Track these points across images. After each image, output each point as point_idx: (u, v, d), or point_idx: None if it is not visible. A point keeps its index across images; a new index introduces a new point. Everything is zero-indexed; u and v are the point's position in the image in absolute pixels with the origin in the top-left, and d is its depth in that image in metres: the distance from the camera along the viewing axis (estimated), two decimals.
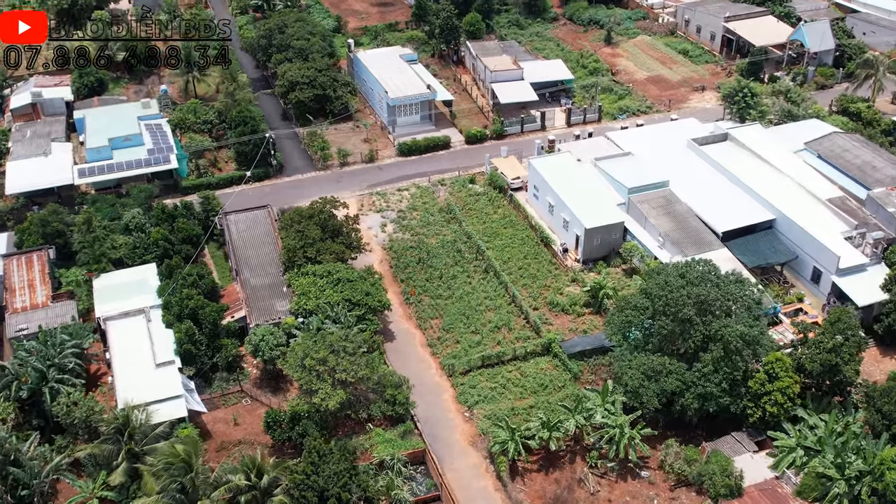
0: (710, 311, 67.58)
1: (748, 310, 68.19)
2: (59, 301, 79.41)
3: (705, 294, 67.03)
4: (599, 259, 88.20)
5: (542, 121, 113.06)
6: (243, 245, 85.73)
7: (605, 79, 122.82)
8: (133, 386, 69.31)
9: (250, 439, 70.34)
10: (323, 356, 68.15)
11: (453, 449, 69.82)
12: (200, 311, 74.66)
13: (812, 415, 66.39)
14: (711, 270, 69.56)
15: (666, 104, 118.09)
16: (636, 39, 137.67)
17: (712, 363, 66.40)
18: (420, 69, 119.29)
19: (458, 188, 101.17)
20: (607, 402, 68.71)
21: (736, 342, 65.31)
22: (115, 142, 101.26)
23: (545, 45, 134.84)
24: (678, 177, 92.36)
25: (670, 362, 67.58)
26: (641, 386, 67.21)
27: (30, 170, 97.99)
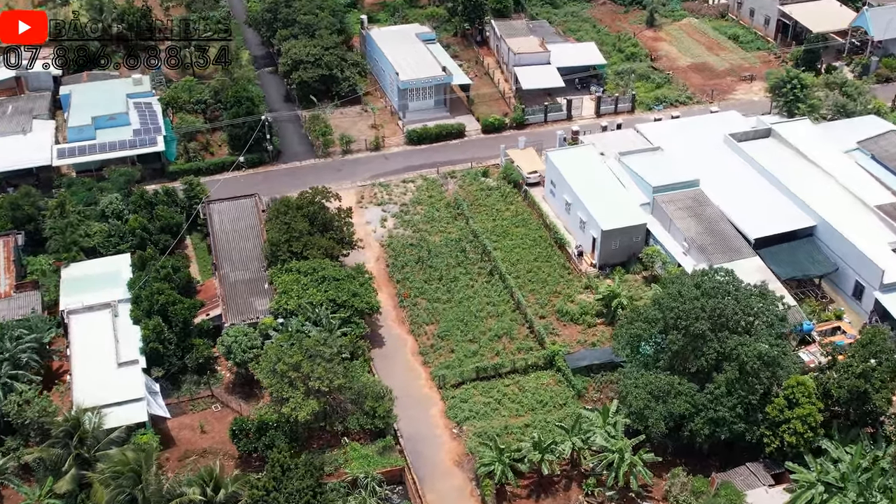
0: (726, 326, 66.03)
1: (770, 326, 66.50)
2: (22, 291, 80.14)
3: (721, 307, 65.49)
4: (618, 264, 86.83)
5: (569, 109, 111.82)
6: (225, 237, 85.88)
7: (643, 65, 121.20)
8: (92, 386, 69.65)
9: (216, 449, 70.33)
10: (296, 361, 67.83)
11: (437, 469, 69.14)
12: (171, 307, 74.72)
13: (838, 447, 64.52)
14: (730, 281, 67.97)
15: (709, 94, 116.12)
16: (682, 22, 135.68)
17: (726, 385, 64.91)
18: (437, 49, 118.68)
19: (469, 181, 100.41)
20: (608, 423, 67.44)
21: (753, 362, 63.76)
22: (98, 121, 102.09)
23: (580, 25, 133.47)
24: (711, 176, 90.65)
25: (680, 382, 66.18)
26: (647, 407, 65.91)
27: (6, 148, 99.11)
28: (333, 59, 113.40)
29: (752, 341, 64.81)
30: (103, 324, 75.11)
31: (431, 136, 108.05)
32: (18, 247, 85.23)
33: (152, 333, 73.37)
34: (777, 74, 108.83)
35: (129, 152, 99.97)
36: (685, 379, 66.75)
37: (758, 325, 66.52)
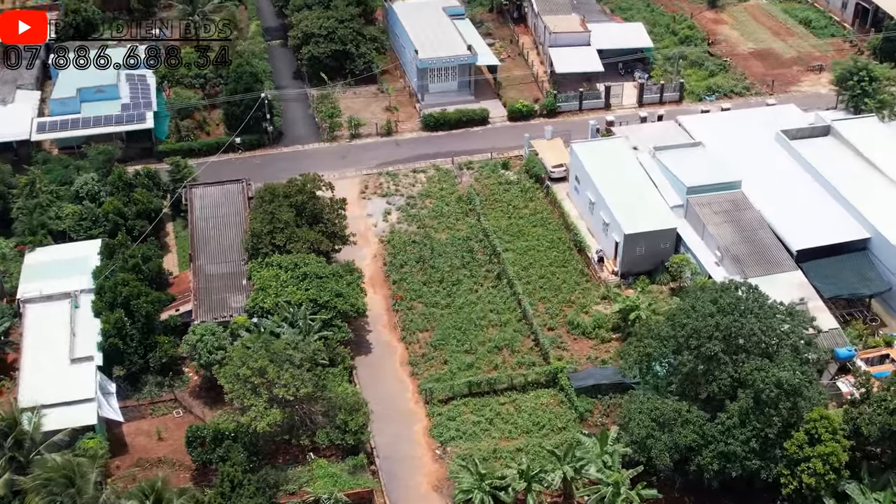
0: (743, 348, 64.17)
1: (795, 351, 64.42)
2: None
3: (738, 326, 63.66)
4: (643, 273, 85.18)
5: (607, 97, 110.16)
6: (206, 225, 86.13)
7: (698, 49, 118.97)
8: (40, 382, 70.27)
9: (172, 458, 70.50)
10: (261, 366, 67.52)
11: (412, 493, 68.44)
12: (134, 300, 74.97)
13: (865, 492, 62.31)
14: (753, 297, 66.02)
15: (769, 85, 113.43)
16: (749, 3, 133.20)
17: (739, 415, 63.06)
18: (466, 26, 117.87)
19: (486, 173, 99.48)
20: (606, 451, 65.98)
21: (770, 390, 61.79)
22: (84, 93, 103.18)
23: (632, 4, 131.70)
24: (756, 177, 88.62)
25: (688, 409, 64.48)
26: (651, 436, 64.34)
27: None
28: (348, 33, 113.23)
29: (771, 366, 62.82)
30: (60, 315, 75.74)
31: (450, 122, 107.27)
32: None
33: (112, 328, 73.70)
34: (844, 65, 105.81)
35: (114, 128, 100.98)
36: (695, 406, 64.99)
37: (781, 349, 64.40)
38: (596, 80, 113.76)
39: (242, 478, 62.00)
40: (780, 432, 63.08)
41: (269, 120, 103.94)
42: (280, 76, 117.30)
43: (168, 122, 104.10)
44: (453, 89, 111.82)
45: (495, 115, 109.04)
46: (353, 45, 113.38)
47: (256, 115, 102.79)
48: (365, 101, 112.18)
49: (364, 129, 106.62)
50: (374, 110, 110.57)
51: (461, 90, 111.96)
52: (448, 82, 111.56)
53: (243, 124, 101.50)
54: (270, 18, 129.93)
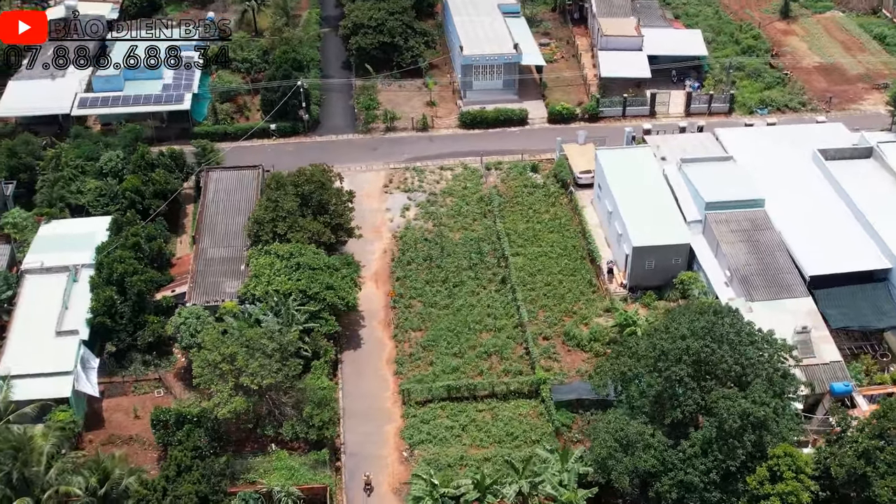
0: (713, 374, 61.34)
1: (769, 381, 61.23)
2: None
3: (708, 352, 60.84)
4: (652, 288, 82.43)
5: (652, 104, 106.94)
6: (216, 209, 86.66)
7: (758, 60, 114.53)
8: (23, 352, 71.82)
9: (144, 437, 71.09)
10: (231, 353, 67.61)
11: (372, 493, 67.41)
12: (127, 278, 75.81)
13: None
14: (729, 321, 62.95)
15: (827, 102, 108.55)
16: (824, 15, 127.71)
17: (702, 444, 60.37)
18: (518, 24, 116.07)
19: (514, 175, 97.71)
20: (566, 468, 63.98)
21: (734, 421, 58.91)
22: (128, 71, 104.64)
23: (700, 10, 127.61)
24: (785, 196, 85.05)
25: (652, 433, 61.97)
26: (612, 457, 62.07)
27: (30, 93, 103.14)
28: (398, 25, 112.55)
29: (738, 396, 59.89)
30: (56, 288, 77.09)
31: (488, 121, 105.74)
32: (5, 196, 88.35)
33: (101, 305, 74.62)
34: None
35: (152, 107, 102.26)
36: (660, 431, 62.44)
37: (754, 379, 61.30)
38: (647, 86, 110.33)
39: (191, 463, 61.94)
40: (743, 465, 60.12)
41: (305, 108, 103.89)
42: (329, 65, 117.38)
43: (207, 105, 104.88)
44: (497, 87, 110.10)
45: (535, 117, 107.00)
46: (402, 38, 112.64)
47: (292, 102, 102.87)
48: (408, 94, 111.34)
49: (400, 122, 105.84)
50: (414, 104, 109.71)
51: (506, 89, 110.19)
52: (492, 80, 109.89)
53: (274, 110, 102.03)
54: (331, 7, 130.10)
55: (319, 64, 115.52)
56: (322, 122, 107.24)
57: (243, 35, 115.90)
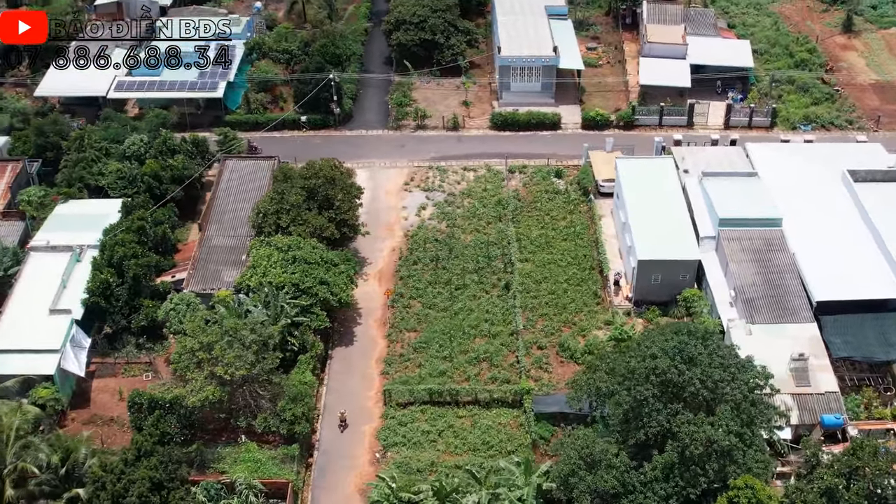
0: (680, 397, 59.27)
1: (738, 409, 58.88)
2: (8, 220, 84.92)
3: (676, 373, 58.80)
4: (658, 303, 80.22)
5: (690, 115, 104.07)
6: (227, 197, 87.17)
7: (810, 74, 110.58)
8: (14, 327, 73.14)
9: (125, 419, 71.56)
10: (208, 342, 67.83)
11: (336, 493, 67.28)
12: (125, 261, 76.64)
13: None
14: (702, 343, 60.71)
15: (876, 121, 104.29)
16: (889, 31, 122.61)
17: (663, 468, 58.43)
18: (564, 26, 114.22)
19: (537, 180, 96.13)
20: (529, 483, 62.56)
21: (696, 447, 56.85)
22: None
23: (758, 20, 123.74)
24: (807, 216, 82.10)
25: (616, 453, 60.21)
26: (574, 474, 60.51)
27: (71, 74, 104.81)
28: (440, 23, 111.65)
29: (704, 422, 57.78)
30: (57, 266, 78.32)
31: (520, 123, 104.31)
32: (29, 174, 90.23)
33: (97, 286, 75.55)
34: None
35: (188, 94, 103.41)
36: (625, 451, 60.62)
37: (722, 405, 59.05)
38: (689, 96, 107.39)
39: (151, 449, 62.22)
40: (705, 494, 58.01)
41: (337, 102, 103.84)
42: (372, 61, 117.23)
43: (241, 94, 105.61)
44: (535, 90, 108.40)
45: (569, 122, 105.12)
46: (443, 36, 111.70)
47: (324, 95, 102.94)
48: (445, 93, 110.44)
49: (431, 121, 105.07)
50: (450, 103, 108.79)
51: (544, 92, 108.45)
52: (531, 82, 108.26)
53: (301, 102, 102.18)
54: (382, 2, 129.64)
55: (361, 59, 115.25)
56: (355, 116, 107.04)
57: (287, 26, 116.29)
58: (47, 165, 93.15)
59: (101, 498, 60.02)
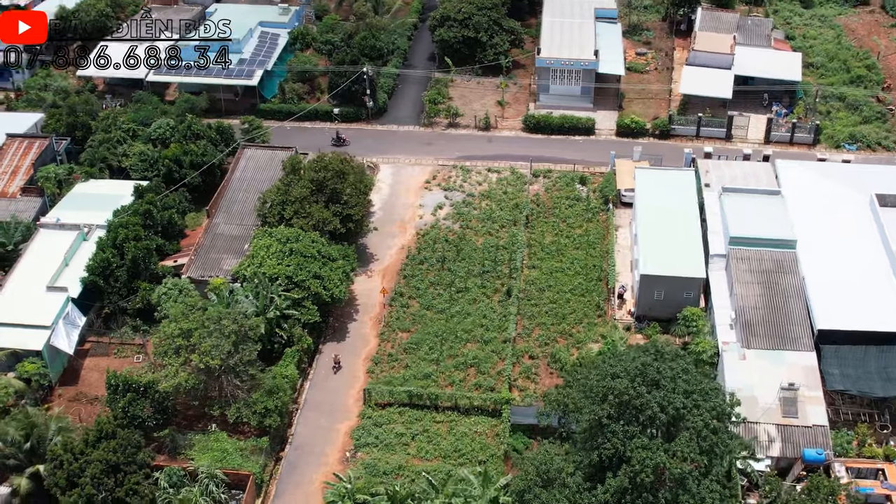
0: (638, 419, 57.27)
1: (698, 435, 56.59)
2: (27, 195, 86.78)
3: (634, 395, 56.80)
4: (661, 320, 77.93)
5: (729, 127, 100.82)
6: (239, 186, 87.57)
7: (864, 92, 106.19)
8: (10, 301, 74.59)
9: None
10: (188, 328, 68.18)
11: (301, 488, 66.91)
12: (126, 243, 77.56)
13: None
14: (669, 365, 58.50)
15: None
16: None
17: (614, 493, 56.49)
18: (612, 30, 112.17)
19: (560, 185, 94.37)
20: (486, 496, 61.29)
21: (646, 474, 54.89)
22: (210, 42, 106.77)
23: (820, 33, 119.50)
24: (826, 240, 79.07)
25: (571, 472, 58.54)
26: (529, 490, 59.08)
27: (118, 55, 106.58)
28: (484, 20, 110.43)
29: (659, 448, 55.72)
30: (62, 244, 79.59)
31: (552, 127, 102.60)
32: (56, 152, 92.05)
33: (96, 265, 76.58)
34: None
35: (221, 80, 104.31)
36: (583, 471, 58.86)
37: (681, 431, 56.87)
38: (734, 107, 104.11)
39: (112, 431, 62.81)
40: None
41: (370, 95, 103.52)
42: (417, 56, 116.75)
43: (278, 83, 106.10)
44: (575, 94, 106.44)
45: (604, 128, 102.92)
46: (487, 34, 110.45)
47: (356, 88, 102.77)
48: (483, 92, 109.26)
49: (463, 119, 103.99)
50: (487, 102, 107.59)
51: (584, 96, 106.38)
52: (570, 86, 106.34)
53: (332, 93, 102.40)
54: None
55: (405, 53, 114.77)
56: (389, 111, 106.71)
57: (334, 17, 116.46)
58: (78, 144, 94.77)
59: (58, 476, 60.65)
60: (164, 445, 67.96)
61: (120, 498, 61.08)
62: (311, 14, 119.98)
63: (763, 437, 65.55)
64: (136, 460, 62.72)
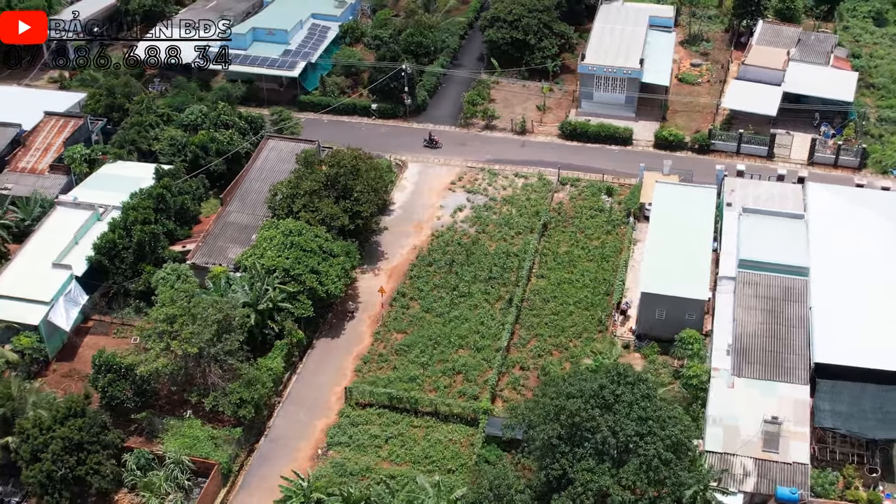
0: (587, 441, 55.69)
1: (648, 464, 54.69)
2: (55, 173, 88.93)
3: (585, 417, 55.24)
4: (662, 340, 75.72)
5: (771, 146, 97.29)
6: (257, 176, 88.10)
7: None
8: (15, 275, 76.57)
9: None
10: (172, 314, 68.90)
11: (266, 481, 66.93)
12: (134, 226, 78.80)
13: None
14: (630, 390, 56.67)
15: None
16: None
17: None
18: (665, 39, 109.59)
19: (586, 195, 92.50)
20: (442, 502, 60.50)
21: (587, 498, 53.40)
22: (257, 32, 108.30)
23: (889, 52, 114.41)
24: (843, 270, 75.38)
25: (521, 489, 57.36)
26: (481, 503, 58.09)
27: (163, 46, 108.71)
28: (534, 23, 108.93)
29: (604, 472, 54.14)
30: (75, 223, 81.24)
31: (588, 135, 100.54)
32: (90, 131, 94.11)
33: (104, 246, 77.96)
34: None
35: (264, 70, 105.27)
36: (532, 490, 57.58)
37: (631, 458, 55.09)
38: (781, 125, 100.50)
39: (82, 409, 63.84)
40: None
41: (409, 92, 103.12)
42: (467, 55, 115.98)
43: (319, 76, 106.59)
44: (618, 102, 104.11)
45: (642, 139, 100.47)
46: (536, 37, 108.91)
47: (395, 85, 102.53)
48: (526, 95, 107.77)
49: (500, 122, 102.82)
50: (528, 106, 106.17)
51: (627, 105, 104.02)
52: (614, 94, 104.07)
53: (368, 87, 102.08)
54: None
55: (455, 52, 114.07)
56: (429, 109, 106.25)
57: (387, 12, 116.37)
58: (115, 125, 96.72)
59: (23, 450, 61.92)
60: (143, 428, 68.74)
61: (80, 476, 61.96)
62: (368, 9, 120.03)
63: (738, 471, 63.04)
64: (102, 440, 63.55)
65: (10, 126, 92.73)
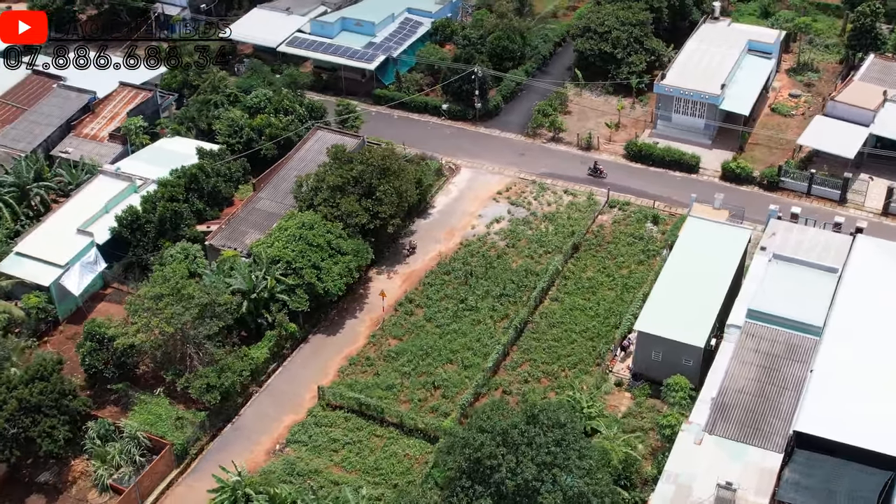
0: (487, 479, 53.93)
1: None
2: (112, 141, 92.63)
3: (487, 453, 53.47)
4: (658, 382, 72.42)
5: (844, 190, 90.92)
6: (296, 165, 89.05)
7: None
8: (40, 235, 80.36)
9: None
10: (159, 293, 70.74)
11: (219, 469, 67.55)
12: (159, 202, 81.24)
13: None
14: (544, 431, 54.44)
15: None
16: None
17: None
18: (761, 66, 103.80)
19: (631, 220, 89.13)
20: None
21: None
22: (345, 22, 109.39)
23: None
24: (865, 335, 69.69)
25: None
26: None
27: (260, 22, 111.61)
28: (625, 36, 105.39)
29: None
30: (111, 192, 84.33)
31: (654, 158, 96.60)
32: (158, 105, 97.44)
33: (126, 218, 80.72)
34: None
35: (343, 60, 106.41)
36: None
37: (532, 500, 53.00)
38: (869, 170, 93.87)
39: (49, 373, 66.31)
40: None
41: (479, 96, 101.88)
42: (558, 64, 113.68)
43: (396, 70, 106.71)
44: (697, 128, 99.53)
45: (709, 168, 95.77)
46: (625, 51, 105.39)
47: (467, 87, 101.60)
48: (604, 110, 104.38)
49: (566, 135, 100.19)
50: (598, 123, 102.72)
51: (705, 131, 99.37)
52: (693, 118, 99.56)
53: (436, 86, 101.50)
54: None
55: (545, 59, 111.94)
56: (501, 115, 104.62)
57: (484, 13, 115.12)
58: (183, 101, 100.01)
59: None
60: (120, 399, 70.88)
61: (32, 438, 64.40)
62: (470, 7, 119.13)
63: None
64: (61, 405, 65.66)
65: (86, 93, 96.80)
